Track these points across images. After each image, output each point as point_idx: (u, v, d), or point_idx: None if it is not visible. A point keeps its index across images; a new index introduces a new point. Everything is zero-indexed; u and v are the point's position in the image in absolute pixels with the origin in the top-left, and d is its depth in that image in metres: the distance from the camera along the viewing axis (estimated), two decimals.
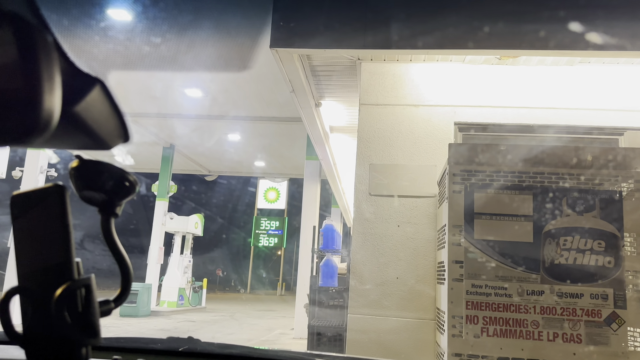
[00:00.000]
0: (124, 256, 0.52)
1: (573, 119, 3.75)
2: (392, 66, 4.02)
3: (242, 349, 1.00)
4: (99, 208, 0.51)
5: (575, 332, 2.66)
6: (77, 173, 0.49)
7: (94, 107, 0.40)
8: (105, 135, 0.42)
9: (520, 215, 2.78)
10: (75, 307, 0.45)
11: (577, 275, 2.69)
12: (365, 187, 3.85)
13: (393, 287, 3.63)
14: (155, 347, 0.99)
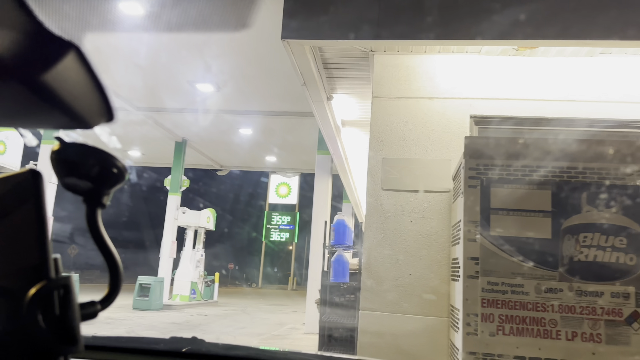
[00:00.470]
0: (112, 252, 0.46)
1: (594, 112, 3.64)
2: (406, 58, 3.93)
3: (248, 350, 0.94)
4: (84, 197, 0.45)
5: (595, 332, 2.58)
6: (58, 157, 0.43)
7: (68, 76, 0.33)
8: (84, 111, 0.36)
9: (538, 211, 2.70)
10: (52, 310, 0.39)
11: (597, 272, 2.61)
12: (377, 181, 3.78)
13: (406, 283, 3.56)
14: (157, 348, 0.93)
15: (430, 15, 3.38)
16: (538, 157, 2.74)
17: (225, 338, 9.28)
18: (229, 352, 0.92)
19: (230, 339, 9.06)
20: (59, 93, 0.33)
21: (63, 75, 0.33)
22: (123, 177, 0.46)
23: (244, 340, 8.85)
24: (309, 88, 4.88)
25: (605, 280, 2.60)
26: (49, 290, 0.39)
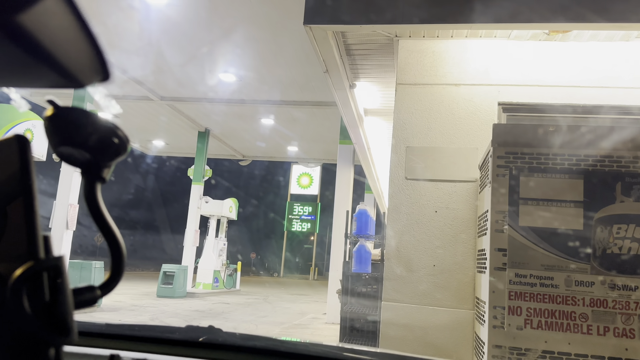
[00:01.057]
0: (114, 232, 0.41)
1: (629, 98, 3.48)
2: (432, 43, 3.82)
3: (267, 342, 0.89)
4: (82, 170, 0.40)
5: (628, 327, 2.48)
6: (52, 124, 0.38)
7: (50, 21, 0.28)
8: (73, 66, 0.31)
9: (569, 201, 2.59)
10: (40, 295, 0.34)
11: (631, 265, 2.51)
12: (401, 171, 3.70)
13: (429, 274, 3.48)
14: (172, 337, 0.90)
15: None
16: (569, 145, 2.63)
17: (247, 326, 9.34)
18: (246, 343, 0.88)
19: (252, 328, 9.13)
20: (41, 42, 0.28)
21: (44, 20, 0.28)
22: (125, 148, 0.40)
23: (265, 329, 8.90)
24: (331, 75, 4.81)
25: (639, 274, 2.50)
26: (37, 272, 0.34)
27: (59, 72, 0.31)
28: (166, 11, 7.70)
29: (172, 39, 8.75)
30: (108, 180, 0.42)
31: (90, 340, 0.81)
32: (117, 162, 0.41)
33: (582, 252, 2.55)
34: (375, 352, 0.87)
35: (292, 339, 0.92)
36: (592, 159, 2.61)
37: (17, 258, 0.35)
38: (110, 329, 0.89)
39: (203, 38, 8.68)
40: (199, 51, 9.20)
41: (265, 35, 8.32)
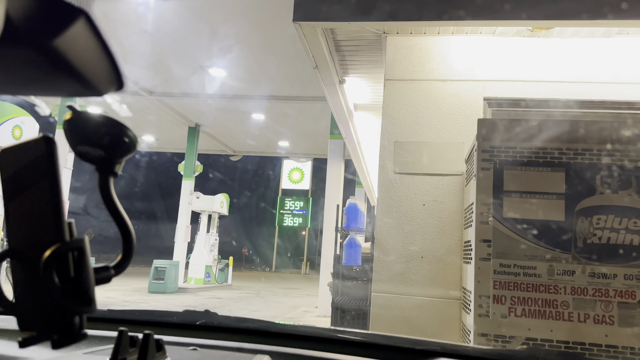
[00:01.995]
0: (125, 219, 0.48)
1: (610, 93, 3.58)
2: (419, 40, 3.89)
3: (259, 323, 0.96)
4: (96, 166, 0.47)
5: (607, 314, 2.57)
6: (70, 126, 0.45)
7: (77, 42, 0.35)
8: (94, 78, 0.37)
9: (551, 193, 2.68)
10: (67, 272, 0.41)
11: (610, 255, 2.60)
12: (390, 165, 3.77)
13: (418, 266, 3.57)
14: (170, 320, 0.96)
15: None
16: (552, 139, 2.71)
17: None
18: (240, 325, 0.95)
19: None
20: (69, 59, 0.35)
21: (73, 41, 0.34)
22: (134, 146, 0.47)
23: None
24: (321, 71, 4.87)
25: (618, 263, 2.59)
26: (64, 252, 0.41)
27: (81, 82, 0.37)
28: (156, 5, 7.69)
29: (161, 34, 8.74)
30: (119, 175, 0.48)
31: (94, 325, 0.87)
32: (127, 159, 0.48)
33: (564, 243, 2.64)
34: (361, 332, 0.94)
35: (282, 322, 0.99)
36: (573, 152, 2.70)
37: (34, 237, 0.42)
38: (113, 314, 0.95)
39: (193, 33, 8.68)
40: (189, 46, 9.20)
41: (256, 31, 8.34)
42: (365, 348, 0.87)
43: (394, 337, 0.92)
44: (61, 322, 0.42)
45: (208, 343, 0.81)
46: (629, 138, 2.66)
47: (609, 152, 2.67)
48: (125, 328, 0.59)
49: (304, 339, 0.89)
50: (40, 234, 0.42)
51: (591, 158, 2.68)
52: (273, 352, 0.76)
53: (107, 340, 0.80)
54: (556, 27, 3.56)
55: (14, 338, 0.81)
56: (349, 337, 0.90)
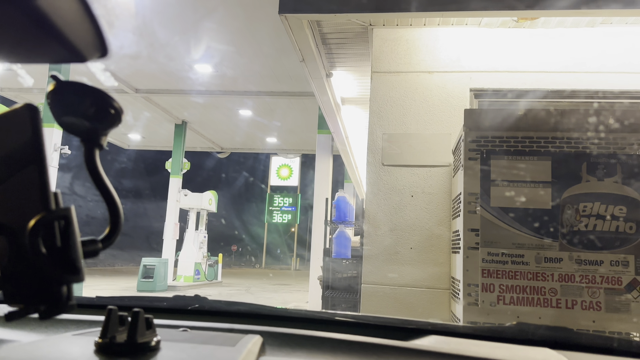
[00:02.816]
0: (111, 193, 0.47)
1: (594, 82, 3.61)
2: (405, 32, 3.89)
3: (250, 307, 0.96)
4: (82, 138, 0.46)
5: (594, 300, 2.61)
6: (55, 97, 0.44)
7: (62, 5, 0.34)
8: (78, 43, 0.36)
9: (538, 182, 2.70)
10: (53, 241, 0.40)
11: (597, 241, 2.63)
12: (378, 157, 3.78)
13: (407, 257, 3.59)
14: (161, 306, 0.95)
15: None
16: (537, 128, 2.73)
17: None
18: (230, 308, 0.94)
19: None
20: (53, 22, 0.34)
21: (58, 4, 0.33)
22: (120, 117, 0.46)
23: None
24: (307, 64, 4.85)
25: (605, 249, 2.62)
26: (49, 221, 0.40)
27: (67, 48, 0.37)
28: (140, 2, 7.61)
29: (146, 31, 8.66)
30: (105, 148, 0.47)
31: (83, 310, 0.86)
32: (112, 130, 0.47)
33: (551, 230, 2.66)
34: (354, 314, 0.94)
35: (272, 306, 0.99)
36: (559, 141, 2.72)
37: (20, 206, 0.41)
38: (102, 300, 0.94)
39: (178, 29, 8.61)
40: (175, 42, 9.12)
41: (241, 26, 8.29)
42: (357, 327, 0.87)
43: (386, 318, 0.92)
44: (48, 292, 0.41)
45: (199, 325, 0.80)
46: (614, 126, 2.69)
47: (594, 141, 2.69)
48: (114, 307, 0.58)
49: (295, 320, 0.89)
50: (25, 204, 0.41)
51: (577, 146, 2.71)
52: (264, 332, 0.76)
53: (95, 324, 0.80)
54: (541, 18, 3.58)
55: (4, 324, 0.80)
56: (342, 318, 0.90)
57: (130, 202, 30.91)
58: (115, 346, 0.56)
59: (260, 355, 0.66)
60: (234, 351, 0.61)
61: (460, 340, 0.81)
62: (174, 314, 0.93)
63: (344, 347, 0.74)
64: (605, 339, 0.80)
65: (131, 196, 36.36)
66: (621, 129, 2.69)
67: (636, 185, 2.63)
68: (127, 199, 11.76)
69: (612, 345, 0.76)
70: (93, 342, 0.58)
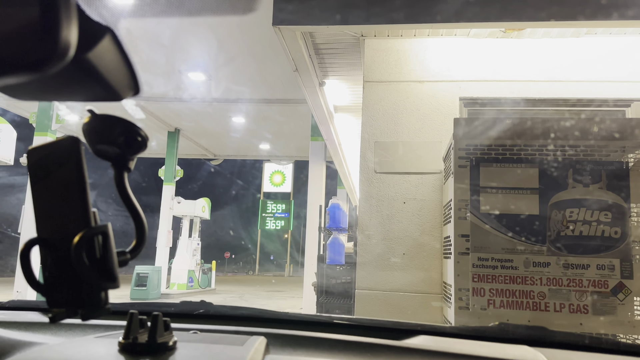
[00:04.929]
0: (137, 210, 0.54)
1: (580, 91, 3.72)
2: (396, 42, 3.99)
3: (253, 311, 1.03)
4: (112, 162, 0.52)
5: (581, 303, 2.67)
6: (90, 127, 0.51)
7: (105, 55, 0.41)
8: (116, 85, 0.43)
9: (526, 189, 2.78)
10: (93, 253, 0.47)
11: (583, 246, 2.70)
12: (370, 165, 3.86)
13: (400, 263, 3.66)
14: (169, 310, 1.02)
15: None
16: (525, 137, 2.81)
17: None
18: (235, 312, 1.01)
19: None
20: (97, 69, 0.41)
21: (101, 53, 0.40)
22: (145, 144, 0.53)
23: None
24: (301, 74, 4.93)
25: (591, 253, 2.69)
26: (91, 236, 0.47)
27: (104, 87, 0.43)
28: (133, 10, 7.66)
29: (139, 39, 8.71)
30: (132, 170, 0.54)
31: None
32: (139, 155, 0.54)
33: (539, 236, 2.74)
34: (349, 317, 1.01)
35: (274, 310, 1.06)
36: (546, 149, 2.80)
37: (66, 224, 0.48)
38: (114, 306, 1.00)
39: (172, 37, 8.67)
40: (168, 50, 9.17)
41: (235, 34, 8.36)
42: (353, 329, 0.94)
43: (378, 320, 0.99)
44: (89, 297, 0.47)
45: (207, 328, 0.87)
46: (598, 134, 2.78)
47: (579, 148, 2.78)
48: (135, 311, 0.65)
49: (296, 323, 0.95)
50: (68, 222, 0.48)
51: (563, 154, 2.79)
52: (268, 334, 0.82)
53: (112, 328, 0.86)
54: (528, 29, 3.69)
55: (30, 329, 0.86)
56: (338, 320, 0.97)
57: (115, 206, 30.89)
58: (138, 346, 0.63)
59: (265, 355, 0.73)
60: (242, 350, 0.68)
61: (446, 339, 0.88)
62: (182, 318, 0.99)
63: (341, 347, 0.80)
64: (578, 337, 0.87)
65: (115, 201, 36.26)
66: (605, 136, 2.77)
67: (620, 190, 2.71)
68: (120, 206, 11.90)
69: (584, 342, 0.83)
70: (116, 343, 0.64)
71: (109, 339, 0.71)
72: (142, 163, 27.66)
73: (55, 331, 0.84)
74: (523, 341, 0.85)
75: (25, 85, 0.38)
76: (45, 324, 0.88)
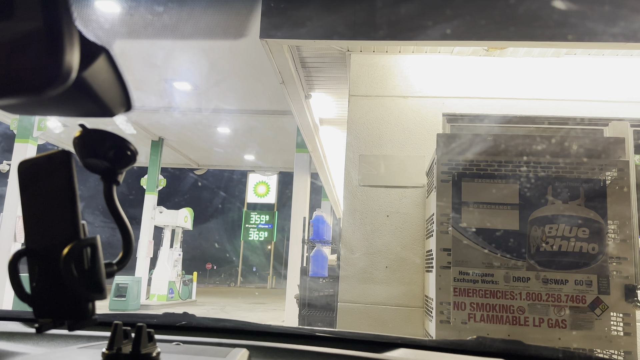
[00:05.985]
0: (125, 221, 0.55)
1: (560, 109, 3.81)
2: (382, 58, 4.05)
3: (236, 323, 1.03)
4: (102, 176, 0.54)
5: (560, 318, 2.71)
6: (80, 141, 0.52)
7: (100, 74, 0.42)
8: (109, 102, 0.45)
9: (506, 204, 2.83)
10: (82, 265, 0.48)
11: (562, 262, 2.75)
12: (354, 178, 3.88)
13: (382, 276, 3.67)
14: (151, 322, 1.01)
15: (404, 17, 3.50)
16: (505, 153, 2.87)
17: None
18: (217, 324, 1.01)
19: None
20: (92, 86, 0.42)
21: (97, 73, 0.42)
22: (135, 158, 0.54)
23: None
24: (287, 86, 4.97)
25: (569, 269, 2.74)
26: (80, 248, 0.48)
27: (98, 104, 0.45)
28: (119, 20, 7.65)
29: (124, 48, 8.68)
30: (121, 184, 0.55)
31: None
32: (128, 169, 0.55)
33: (519, 251, 2.78)
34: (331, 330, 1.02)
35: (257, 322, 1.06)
36: (526, 165, 2.86)
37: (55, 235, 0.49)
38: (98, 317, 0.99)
39: (157, 47, 8.66)
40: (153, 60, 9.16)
41: (221, 45, 8.39)
42: (335, 342, 0.95)
43: (360, 333, 1.00)
44: (76, 308, 0.48)
45: (189, 339, 0.87)
46: (577, 152, 2.84)
47: (559, 165, 2.84)
48: (120, 322, 0.65)
49: (279, 335, 0.96)
50: (58, 234, 0.49)
51: (542, 170, 2.84)
52: (250, 346, 0.83)
53: (94, 339, 0.86)
54: (509, 47, 3.78)
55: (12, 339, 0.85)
56: (320, 333, 0.98)
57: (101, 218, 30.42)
58: (122, 357, 0.63)
59: None
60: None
61: (426, 353, 0.89)
62: (164, 329, 0.99)
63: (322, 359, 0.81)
64: (552, 351, 0.89)
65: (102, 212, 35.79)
66: (584, 154, 2.84)
67: (598, 208, 2.78)
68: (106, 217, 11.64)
69: (558, 356, 0.86)
70: (100, 354, 0.65)
71: (92, 349, 0.71)
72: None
73: (37, 341, 0.84)
74: (500, 355, 0.87)
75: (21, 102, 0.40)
76: (27, 334, 0.88)
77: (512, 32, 3.43)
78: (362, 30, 3.52)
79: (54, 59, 0.35)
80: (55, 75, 0.35)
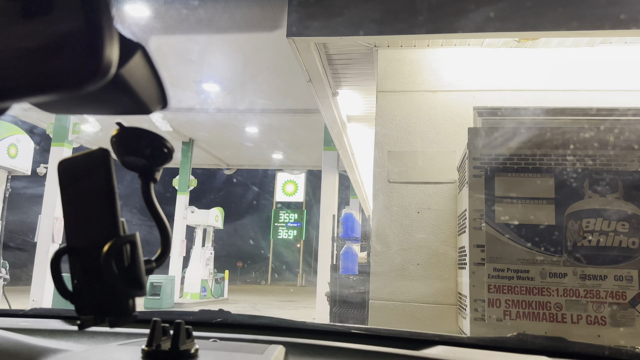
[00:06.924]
0: (163, 219, 0.55)
1: (595, 100, 3.69)
2: (409, 52, 4.00)
3: (270, 320, 1.04)
4: (139, 173, 0.54)
5: (599, 314, 2.64)
6: (118, 140, 0.53)
7: (136, 71, 0.42)
8: (146, 99, 0.45)
9: (542, 198, 2.76)
10: (122, 262, 0.48)
11: (600, 257, 2.67)
12: (384, 175, 3.86)
13: (414, 273, 3.64)
14: (188, 319, 1.03)
15: (432, 9, 3.45)
16: (539, 146, 2.80)
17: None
18: (253, 321, 1.02)
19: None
20: (129, 84, 0.42)
21: (133, 69, 0.42)
22: (171, 155, 0.55)
23: None
24: (314, 84, 4.97)
25: (608, 264, 2.66)
26: (120, 245, 0.48)
27: (135, 102, 0.45)
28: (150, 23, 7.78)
29: (154, 50, 8.83)
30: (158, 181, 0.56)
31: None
32: (165, 166, 0.55)
33: (555, 246, 2.71)
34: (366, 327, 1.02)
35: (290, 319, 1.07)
36: (561, 158, 2.79)
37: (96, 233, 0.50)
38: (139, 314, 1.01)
39: (186, 49, 8.78)
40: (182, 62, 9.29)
41: (248, 45, 8.45)
42: (371, 339, 0.94)
43: (396, 330, 0.99)
44: (117, 305, 0.49)
45: (226, 336, 0.88)
46: (614, 143, 2.76)
47: (595, 157, 2.76)
48: (158, 318, 0.66)
49: (314, 332, 0.96)
50: (98, 231, 0.50)
51: (580, 163, 2.77)
52: (286, 343, 0.83)
53: (133, 336, 0.88)
54: (542, 38, 3.68)
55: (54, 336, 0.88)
56: (356, 330, 0.97)
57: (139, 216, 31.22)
58: (161, 354, 0.64)
59: None
60: (262, 358, 0.68)
61: (465, 350, 0.88)
62: (200, 326, 1.00)
63: (359, 356, 0.81)
64: (597, 348, 0.86)
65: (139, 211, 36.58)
66: (622, 146, 2.75)
67: (637, 201, 2.68)
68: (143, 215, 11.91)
69: (604, 353, 0.83)
70: (139, 350, 0.66)
71: (132, 346, 0.72)
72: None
73: (78, 339, 0.86)
74: (542, 352, 0.85)
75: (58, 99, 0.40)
76: (68, 332, 0.90)
77: (544, 21, 3.34)
78: (390, 24, 3.48)
79: (94, 55, 0.35)
80: (95, 71, 0.35)
